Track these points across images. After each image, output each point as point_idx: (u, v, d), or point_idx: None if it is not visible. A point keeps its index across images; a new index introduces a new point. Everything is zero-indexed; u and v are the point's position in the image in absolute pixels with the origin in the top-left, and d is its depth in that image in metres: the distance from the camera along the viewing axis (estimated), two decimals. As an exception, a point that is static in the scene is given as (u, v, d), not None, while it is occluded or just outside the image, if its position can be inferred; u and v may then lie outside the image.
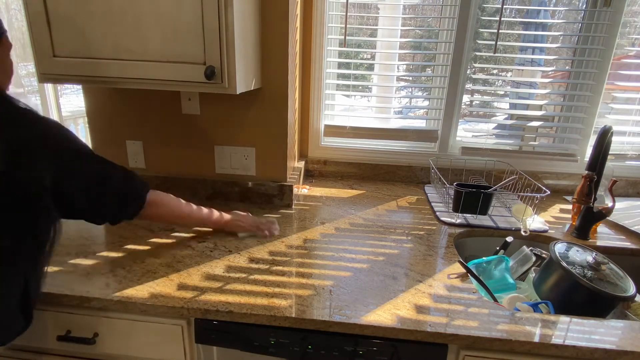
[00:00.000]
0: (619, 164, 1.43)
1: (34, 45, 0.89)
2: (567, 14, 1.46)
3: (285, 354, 0.77)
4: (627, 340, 0.70)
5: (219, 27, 0.85)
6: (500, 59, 1.50)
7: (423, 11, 1.51)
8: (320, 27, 1.40)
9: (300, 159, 1.52)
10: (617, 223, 1.20)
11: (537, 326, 0.72)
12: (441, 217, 1.20)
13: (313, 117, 1.52)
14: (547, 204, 1.35)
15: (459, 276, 0.89)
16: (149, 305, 0.75)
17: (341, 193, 1.40)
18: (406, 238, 1.07)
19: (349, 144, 1.56)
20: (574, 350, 0.68)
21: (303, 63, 1.43)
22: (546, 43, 1.47)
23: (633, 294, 0.81)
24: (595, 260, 0.87)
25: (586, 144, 1.45)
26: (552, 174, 1.48)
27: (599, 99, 1.40)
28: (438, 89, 1.49)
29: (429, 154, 1.51)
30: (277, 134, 1.20)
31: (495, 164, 1.45)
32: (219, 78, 0.88)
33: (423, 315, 0.74)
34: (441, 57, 1.45)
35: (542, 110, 1.52)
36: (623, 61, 1.43)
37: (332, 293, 0.80)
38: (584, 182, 1.05)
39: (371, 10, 1.49)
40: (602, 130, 1.03)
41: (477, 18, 1.37)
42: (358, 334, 0.72)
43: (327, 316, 0.73)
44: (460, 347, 0.73)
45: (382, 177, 1.55)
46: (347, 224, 1.15)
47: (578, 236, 1.11)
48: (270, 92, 1.16)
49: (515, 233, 1.11)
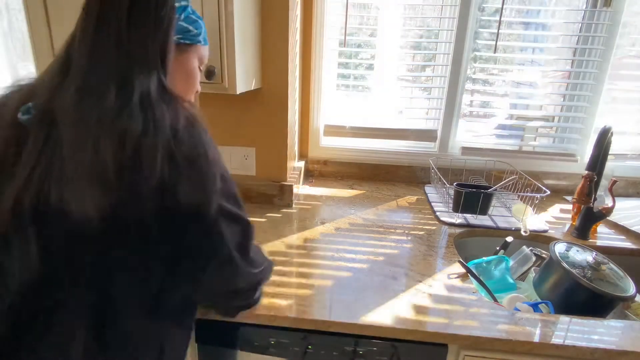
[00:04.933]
0: (619, 164, 1.43)
1: (34, 45, 0.89)
2: (567, 14, 1.46)
3: (285, 354, 0.77)
4: (627, 340, 0.70)
5: (219, 27, 0.85)
6: (500, 59, 1.49)
7: (423, 11, 1.51)
8: (320, 27, 1.40)
9: (300, 159, 1.52)
10: (617, 223, 1.20)
11: (537, 326, 0.72)
12: (441, 217, 1.20)
13: (313, 117, 1.52)
14: (547, 204, 1.34)
15: (459, 276, 0.89)
16: (149, 305, 0.75)
17: (341, 193, 1.40)
18: (406, 238, 1.07)
19: (349, 144, 1.56)
20: (574, 350, 0.68)
21: (303, 63, 1.43)
22: (546, 43, 1.47)
23: (633, 294, 0.81)
24: (595, 260, 0.87)
25: (586, 144, 1.45)
26: (552, 174, 1.48)
27: (599, 99, 1.40)
28: (438, 89, 1.49)
29: (429, 154, 1.51)
30: (277, 134, 1.20)
31: (495, 164, 1.45)
32: (219, 78, 0.88)
33: (423, 315, 0.74)
34: (441, 57, 1.45)
35: (542, 110, 1.52)
36: (623, 61, 1.43)
37: (332, 293, 0.80)
38: (584, 182, 1.05)
39: (371, 10, 1.49)
40: (602, 130, 1.03)
41: (477, 18, 1.37)
42: (358, 334, 0.72)
43: (327, 316, 0.73)
44: (460, 347, 0.73)
45: (382, 177, 1.55)
46: (347, 223, 1.15)
47: (578, 236, 1.11)
48: (270, 92, 1.16)
49: (515, 233, 1.11)
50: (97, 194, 0.45)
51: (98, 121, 0.46)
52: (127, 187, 0.46)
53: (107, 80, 0.48)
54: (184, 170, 0.48)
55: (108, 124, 0.46)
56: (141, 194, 0.46)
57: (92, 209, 0.45)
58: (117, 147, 0.45)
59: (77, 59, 0.50)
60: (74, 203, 0.45)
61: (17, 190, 0.46)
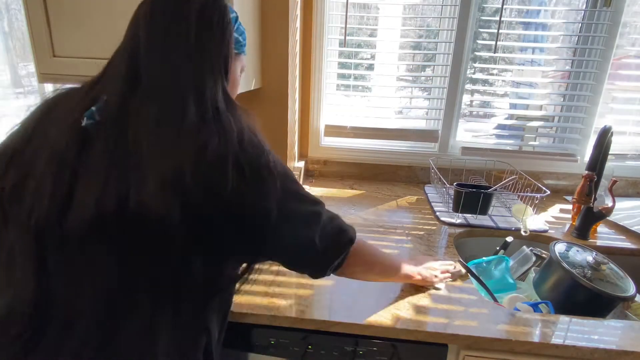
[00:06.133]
0: (619, 164, 1.43)
1: (34, 45, 0.89)
2: (567, 14, 1.46)
3: (285, 354, 0.77)
4: (627, 340, 0.70)
5: (219, 27, 0.85)
6: (500, 59, 1.50)
7: (423, 11, 1.51)
8: (320, 27, 1.40)
9: (300, 159, 1.52)
10: (617, 223, 1.20)
11: (537, 326, 0.72)
12: (441, 217, 1.20)
13: (313, 117, 1.52)
14: (547, 204, 1.34)
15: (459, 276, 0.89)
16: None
17: (341, 193, 1.40)
18: (406, 238, 1.07)
19: (349, 144, 1.56)
20: (574, 350, 0.68)
21: (303, 63, 1.43)
22: (546, 43, 1.47)
23: (633, 294, 0.81)
24: (595, 260, 0.87)
25: (586, 144, 1.45)
26: (552, 174, 1.48)
27: (599, 99, 1.40)
28: (438, 89, 1.49)
29: (429, 154, 1.51)
30: (277, 134, 1.20)
31: (495, 164, 1.45)
32: (219, 78, 0.88)
33: (423, 315, 0.74)
34: (441, 57, 1.45)
35: (542, 110, 1.52)
36: (623, 61, 1.43)
37: (332, 293, 0.80)
38: (584, 182, 1.04)
39: (371, 10, 1.49)
40: (602, 130, 1.03)
41: (477, 18, 1.37)
42: (358, 334, 0.72)
43: (327, 316, 0.73)
44: (460, 347, 0.73)
45: (382, 177, 1.55)
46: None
47: (578, 236, 1.11)
48: (270, 92, 1.16)
49: (515, 233, 1.11)
50: (177, 199, 0.47)
51: (181, 134, 0.49)
52: (204, 195, 0.48)
53: (185, 93, 0.51)
54: (249, 180, 0.51)
55: (190, 137, 0.49)
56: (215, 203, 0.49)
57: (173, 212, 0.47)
58: (196, 158, 0.48)
59: (146, 66, 0.52)
60: (155, 206, 0.46)
61: (98, 196, 0.47)
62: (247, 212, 0.51)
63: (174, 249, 0.49)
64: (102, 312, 0.49)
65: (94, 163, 0.49)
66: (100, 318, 0.49)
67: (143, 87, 0.51)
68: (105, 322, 0.49)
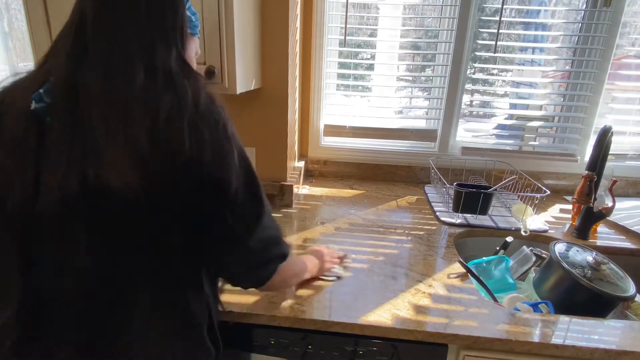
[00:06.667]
0: (619, 164, 1.43)
1: (34, 45, 0.89)
2: (567, 14, 1.46)
3: (285, 354, 0.77)
4: (627, 340, 0.70)
5: (219, 27, 0.85)
6: (500, 59, 1.49)
7: (423, 11, 1.51)
8: (320, 27, 1.40)
9: (300, 158, 1.52)
10: (617, 223, 1.20)
11: (537, 326, 0.72)
12: (441, 217, 1.20)
13: (313, 117, 1.52)
14: (547, 204, 1.34)
15: (459, 276, 0.89)
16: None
17: (341, 193, 1.40)
18: (406, 238, 1.07)
19: (349, 144, 1.56)
20: (574, 350, 0.68)
21: (303, 63, 1.43)
22: (546, 43, 1.47)
23: (633, 294, 0.81)
24: (595, 260, 0.87)
25: (586, 144, 1.45)
26: (552, 174, 1.48)
27: (599, 99, 1.40)
28: (438, 89, 1.49)
29: (429, 154, 1.51)
30: (277, 134, 1.20)
31: (495, 164, 1.45)
32: (218, 78, 0.88)
33: (423, 315, 0.74)
34: (441, 57, 1.45)
35: (542, 110, 1.52)
36: (623, 61, 1.43)
37: (332, 293, 0.80)
38: (584, 182, 1.05)
39: (371, 10, 1.49)
40: (602, 130, 1.03)
41: (477, 18, 1.37)
42: (358, 334, 0.72)
43: (327, 316, 0.73)
44: (460, 347, 0.73)
45: (382, 177, 1.55)
46: (347, 223, 1.15)
47: (578, 236, 1.11)
48: (270, 92, 1.16)
49: (515, 233, 1.11)
50: (135, 169, 0.46)
51: (130, 101, 0.47)
52: (161, 161, 0.48)
53: (133, 59, 0.49)
54: (206, 144, 0.50)
55: (141, 103, 0.48)
56: (174, 166, 0.48)
57: (132, 183, 0.46)
58: (150, 124, 0.47)
59: (93, 39, 0.49)
60: (113, 180, 0.46)
61: (60, 178, 0.47)
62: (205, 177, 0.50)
63: (143, 222, 0.49)
64: (85, 301, 0.50)
65: (53, 146, 0.48)
66: (81, 307, 0.50)
67: (89, 59, 0.49)
68: (89, 311, 0.51)
